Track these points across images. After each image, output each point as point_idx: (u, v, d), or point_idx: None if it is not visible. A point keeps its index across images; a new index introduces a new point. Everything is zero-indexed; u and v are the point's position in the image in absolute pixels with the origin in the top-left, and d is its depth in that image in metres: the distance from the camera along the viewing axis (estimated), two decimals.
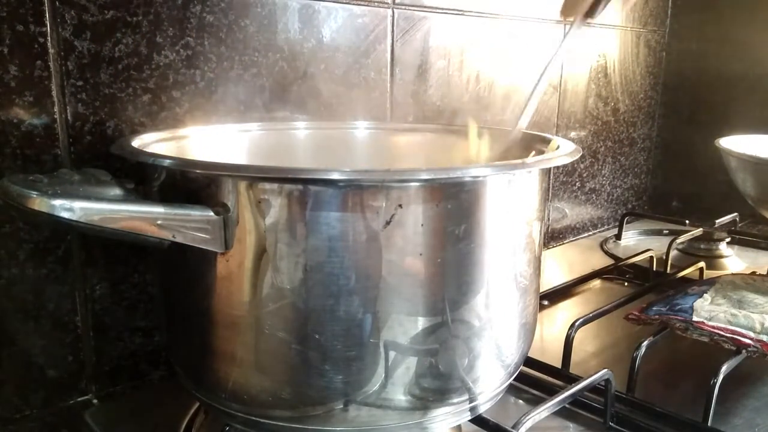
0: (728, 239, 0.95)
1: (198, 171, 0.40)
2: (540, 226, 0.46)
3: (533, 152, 0.53)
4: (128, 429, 0.52)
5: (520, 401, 0.55)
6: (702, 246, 0.94)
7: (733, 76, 1.12)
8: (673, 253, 0.86)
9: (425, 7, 0.76)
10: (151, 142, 0.49)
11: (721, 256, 0.93)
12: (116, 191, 0.42)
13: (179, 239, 0.37)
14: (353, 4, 0.68)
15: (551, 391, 0.52)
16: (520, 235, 0.44)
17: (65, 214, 0.35)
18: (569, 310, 0.75)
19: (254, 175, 0.38)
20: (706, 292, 0.64)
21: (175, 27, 0.56)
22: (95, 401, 0.57)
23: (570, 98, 1.00)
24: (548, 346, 0.65)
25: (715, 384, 0.50)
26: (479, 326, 0.42)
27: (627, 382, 0.54)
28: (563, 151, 0.46)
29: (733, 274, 0.75)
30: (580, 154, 0.46)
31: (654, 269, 0.83)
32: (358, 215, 0.37)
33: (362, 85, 0.71)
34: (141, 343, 0.59)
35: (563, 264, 0.95)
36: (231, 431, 0.45)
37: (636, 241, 1.05)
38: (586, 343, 0.65)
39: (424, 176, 0.38)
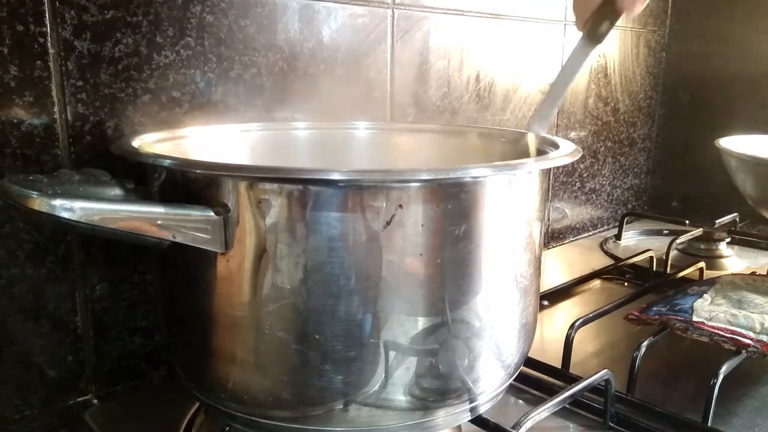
0: (728, 239, 0.95)
1: (198, 171, 0.40)
2: (540, 226, 0.46)
3: (534, 152, 0.53)
4: (128, 429, 0.52)
5: (520, 401, 0.55)
6: (702, 246, 0.94)
7: (733, 76, 1.12)
8: (673, 253, 0.86)
9: (425, 7, 0.76)
10: (151, 142, 0.49)
11: (721, 256, 0.93)
12: (116, 191, 0.42)
13: (179, 239, 0.37)
14: (353, 4, 0.68)
15: (551, 392, 0.52)
16: (520, 235, 0.44)
17: (65, 214, 0.35)
18: (569, 310, 0.75)
19: (254, 175, 0.38)
20: (706, 292, 0.64)
21: (175, 27, 0.56)
22: (95, 401, 0.57)
23: (570, 98, 1.00)
24: (548, 346, 0.64)
25: (715, 384, 0.50)
26: (479, 326, 0.42)
27: (627, 382, 0.54)
28: (563, 151, 0.46)
29: (733, 274, 0.75)
30: (580, 155, 0.46)
31: (654, 269, 0.83)
32: (358, 215, 0.37)
33: (362, 85, 0.71)
34: (141, 343, 0.59)
35: (563, 264, 0.95)
36: (231, 431, 0.45)
37: (636, 241, 1.05)
38: (586, 343, 0.65)
39: (424, 176, 0.38)
